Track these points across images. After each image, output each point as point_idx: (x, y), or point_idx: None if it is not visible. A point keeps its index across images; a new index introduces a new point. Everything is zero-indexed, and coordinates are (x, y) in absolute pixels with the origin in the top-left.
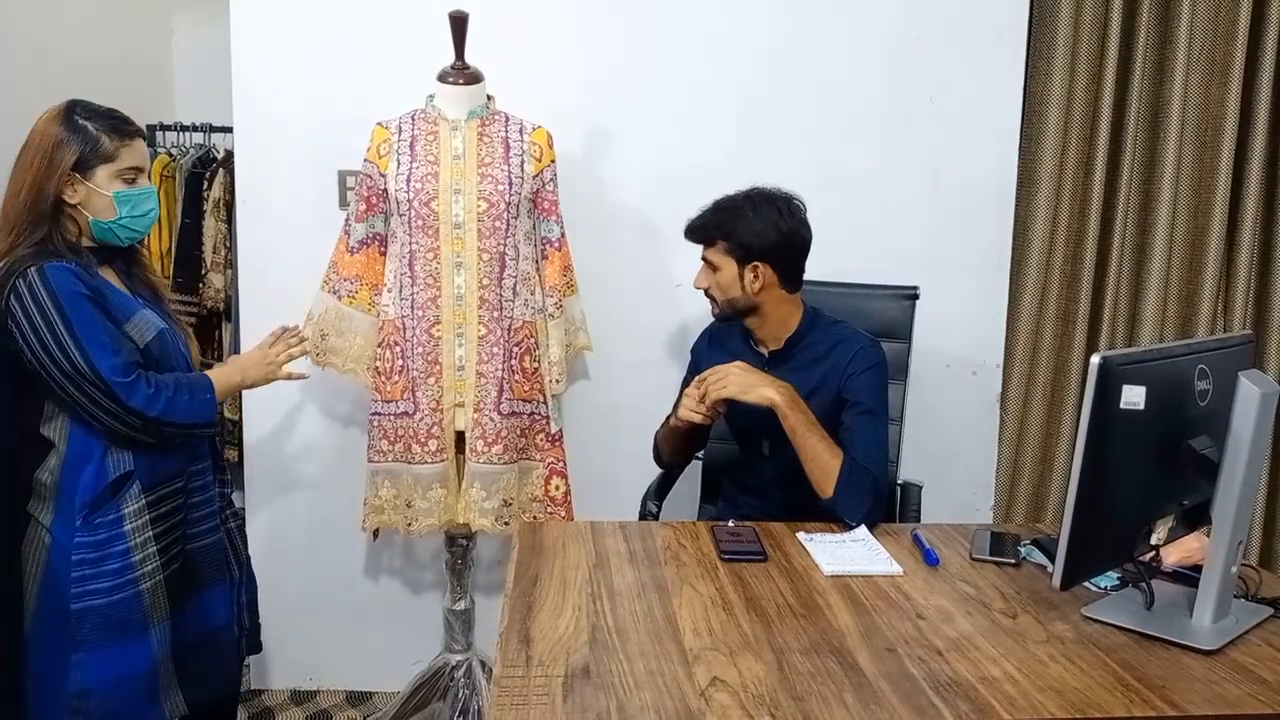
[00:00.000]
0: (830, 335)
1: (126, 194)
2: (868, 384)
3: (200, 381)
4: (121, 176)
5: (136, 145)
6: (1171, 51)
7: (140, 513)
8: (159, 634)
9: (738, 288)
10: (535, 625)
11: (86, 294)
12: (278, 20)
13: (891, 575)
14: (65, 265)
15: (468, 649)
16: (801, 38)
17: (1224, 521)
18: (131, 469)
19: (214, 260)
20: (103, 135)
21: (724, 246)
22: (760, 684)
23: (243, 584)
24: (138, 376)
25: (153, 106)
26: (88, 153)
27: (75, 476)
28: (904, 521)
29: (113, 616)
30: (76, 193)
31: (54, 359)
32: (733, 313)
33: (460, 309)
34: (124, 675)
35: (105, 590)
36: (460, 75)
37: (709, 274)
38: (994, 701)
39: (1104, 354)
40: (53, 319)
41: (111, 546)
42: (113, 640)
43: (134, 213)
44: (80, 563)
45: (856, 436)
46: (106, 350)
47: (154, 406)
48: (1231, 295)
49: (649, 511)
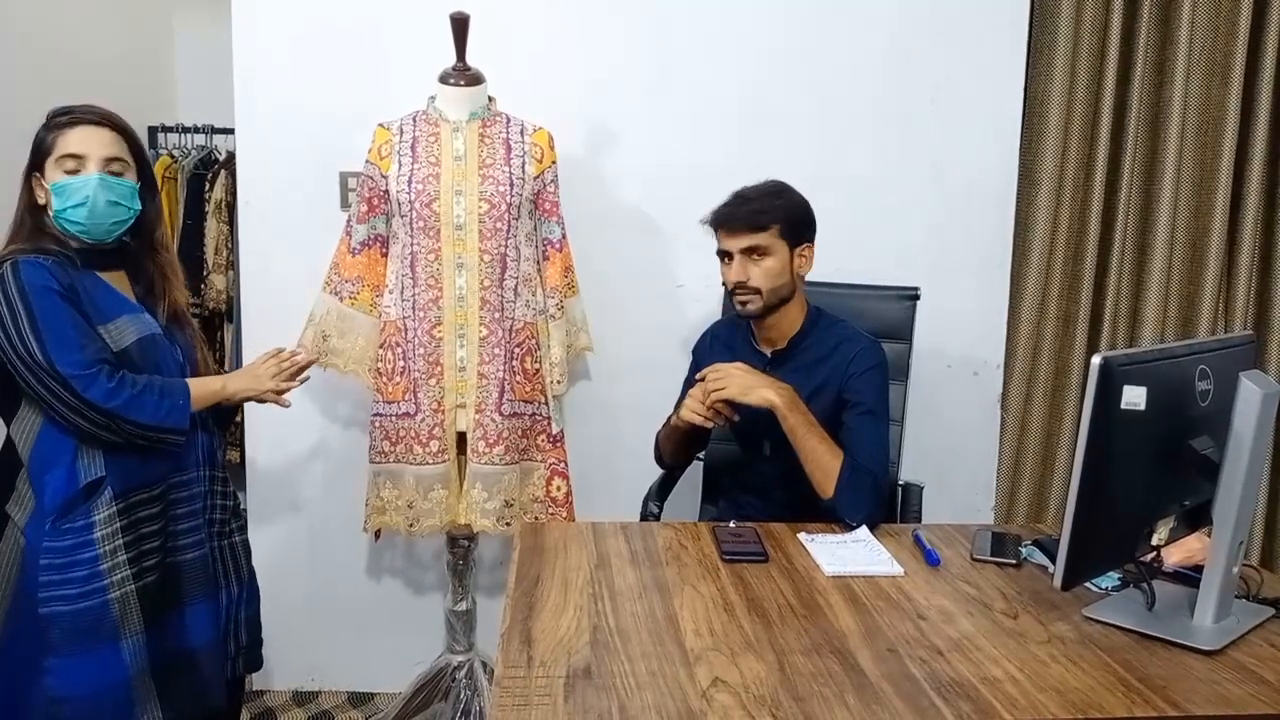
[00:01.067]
0: (832, 335)
1: (60, 185)
2: (869, 384)
3: (176, 387)
4: (62, 167)
5: (76, 132)
6: (1172, 51)
7: (111, 520)
8: (132, 645)
9: (787, 273)
10: (537, 626)
11: (58, 289)
12: (279, 22)
13: (893, 576)
14: (41, 261)
15: (469, 650)
16: (802, 38)
17: (1225, 522)
18: (103, 475)
19: (216, 261)
20: (44, 130)
21: (778, 229)
22: (761, 685)
23: (242, 600)
24: (98, 370)
25: (154, 108)
26: (35, 149)
27: (42, 479)
28: (905, 522)
29: (80, 624)
30: (41, 193)
31: (18, 352)
32: (775, 303)
33: (462, 310)
34: (98, 685)
35: (71, 597)
36: (461, 77)
37: (749, 264)
38: (995, 702)
39: (1105, 354)
40: (18, 312)
41: (79, 554)
42: (83, 648)
43: (68, 203)
44: (47, 568)
45: (857, 437)
46: (69, 344)
47: (112, 400)
48: (1232, 295)
49: (650, 512)
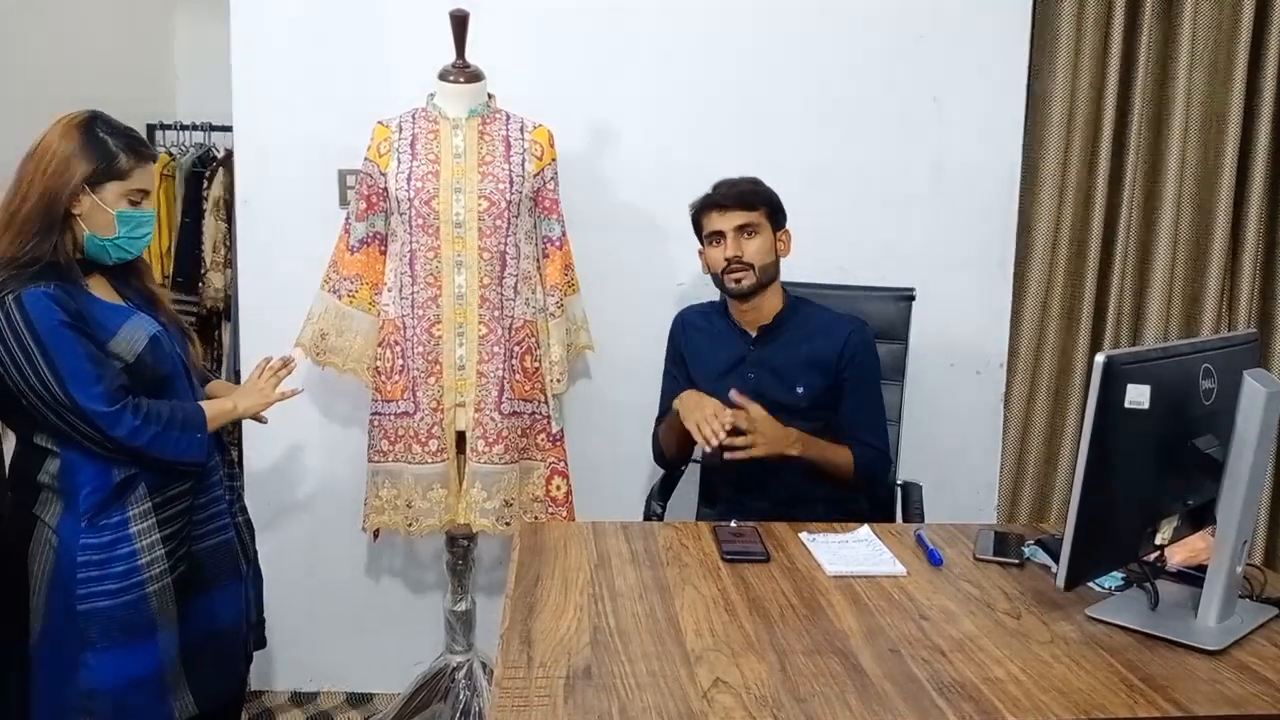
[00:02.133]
0: (815, 316)
1: (129, 214)
2: (868, 365)
3: (194, 418)
4: (128, 197)
5: (148, 169)
6: (1174, 49)
7: (147, 515)
8: (166, 636)
9: (773, 254)
10: (536, 626)
11: (67, 321)
12: (278, 19)
13: (895, 575)
14: (44, 291)
15: (469, 650)
16: (804, 34)
17: (1229, 521)
18: (136, 470)
19: (214, 259)
20: (120, 153)
21: (765, 211)
22: (763, 685)
23: (249, 579)
24: (123, 406)
25: (153, 105)
26: (103, 167)
27: (76, 478)
28: (907, 521)
29: (119, 619)
30: (81, 205)
31: (35, 390)
32: (765, 282)
33: (461, 308)
34: (132, 676)
35: (111, 593)
36: (461, 74)
37: (742, 241)
38: (998, 702)
39: (1108, 353)
40: (31, 351)
41: (117, 549)
42: (120, 642)
43: (131, 234)
44: (86, 564)
45: (861, 418)
46: (89, 380)
47: (139, 438)
48: (1236, 294)
49: (654, 512)
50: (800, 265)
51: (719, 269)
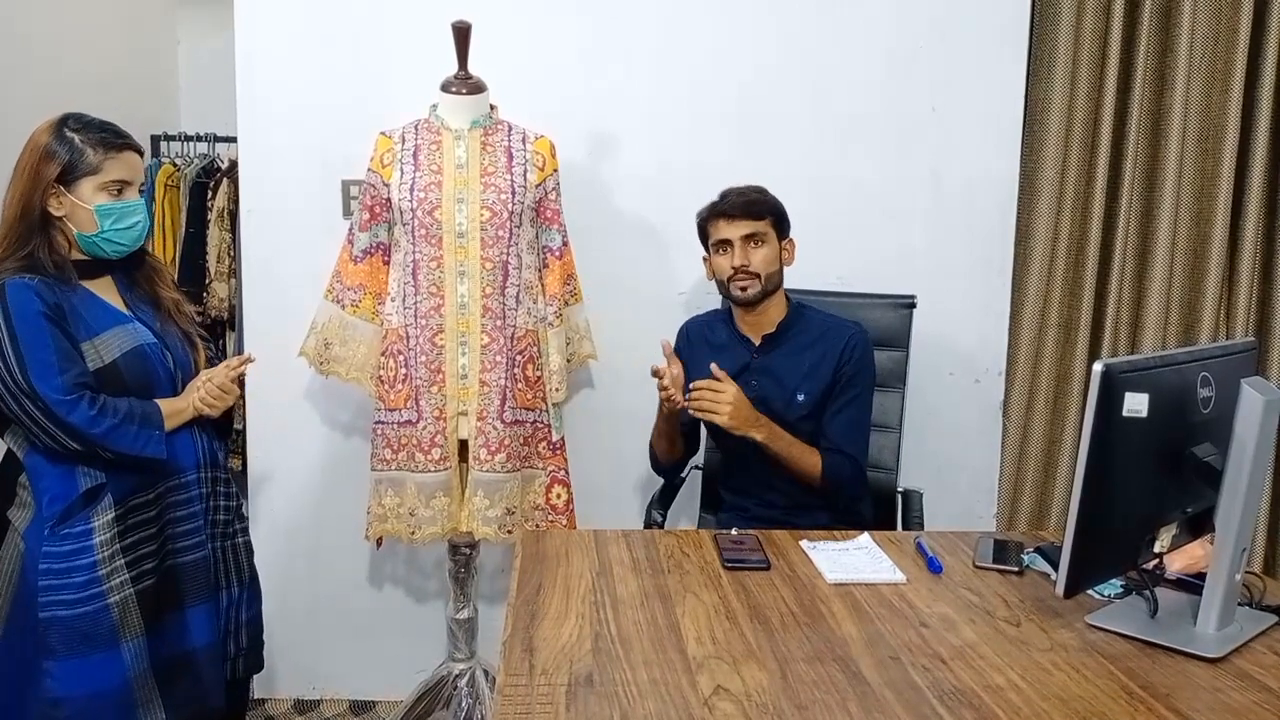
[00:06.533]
0: (818, 322)
1: (109, 207)
2: (860, 373)
3: (153, 416)
4: (106, 189)
5: (125, 158)
6: (1172, 58)
7: (110, 525)
8: (132, 649)
9: (778, 263)
10: (538, 634)
11: (43, 311)
12: (282, 30)
13: (895, 583)
14: (27, 281)
15: (471, 657)
16: (803, 45)
17: (1227, 529)
18: (103, 481)
19: (218, 269)
20: (88, 148)
21: (770, 220)
22: (764, 693)
23: (243, 601)
24: (79, 396)
25: (157, 116)
26: (70, 165)
27: (39, 484)
28: (907, 529)
29: (79, 629)
30: (61, 205)
31: (0, 377)
32: (770, 290)
33: (463, 317)
34: (97, 687)
35: (70, 602)
36: (463, 85)
37: (749, 250)
38: (998, 710)
39: (1106, 361)
40: (2, 338)
41: (78, 559)
42: (83, 652)
43: (116, 225)
44: (46, 572)
45: (838, 425)
46: (50, 369)
47: (94, 427)
48: (1234, 302)
49: (654, 520)
50: (801, 274)
51: (725, 277)
